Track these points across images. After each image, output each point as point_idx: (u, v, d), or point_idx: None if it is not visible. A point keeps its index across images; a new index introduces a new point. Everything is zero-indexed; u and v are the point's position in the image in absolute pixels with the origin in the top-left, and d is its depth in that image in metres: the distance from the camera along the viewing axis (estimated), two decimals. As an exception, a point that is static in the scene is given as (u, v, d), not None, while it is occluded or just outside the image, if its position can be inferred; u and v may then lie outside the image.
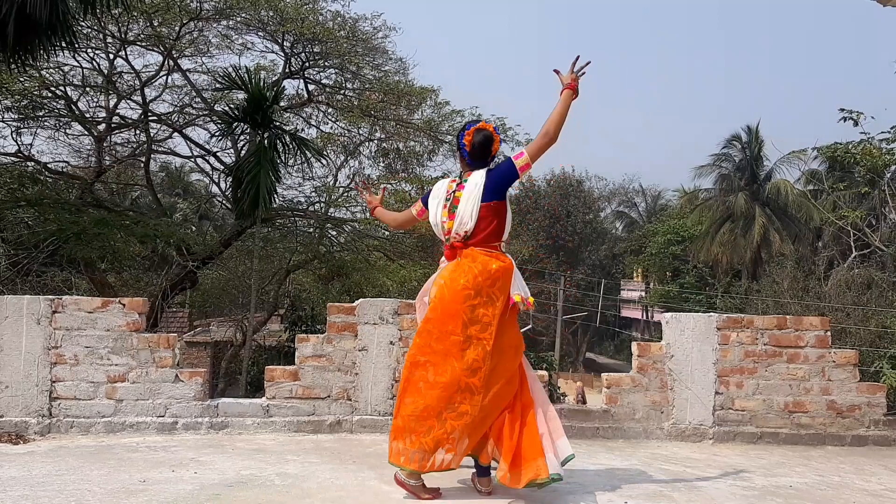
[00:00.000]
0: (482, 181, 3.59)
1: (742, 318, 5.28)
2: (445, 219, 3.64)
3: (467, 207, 3.57)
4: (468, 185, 3.62)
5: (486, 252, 3.56)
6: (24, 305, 4.83)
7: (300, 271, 15.29)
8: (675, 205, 41.82)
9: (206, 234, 18.73)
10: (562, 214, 37.40)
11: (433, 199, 3.74)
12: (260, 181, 9.37)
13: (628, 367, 5.44)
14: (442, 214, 3.66)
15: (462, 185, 3.65)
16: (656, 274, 38.58)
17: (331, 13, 13.08)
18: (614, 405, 5.14)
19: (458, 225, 3.58)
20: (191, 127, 13.40)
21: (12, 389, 4.78)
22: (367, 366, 5.03)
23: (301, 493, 3.56)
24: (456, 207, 3.61)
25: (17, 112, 11.62)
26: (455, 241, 3.60)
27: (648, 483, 3.94)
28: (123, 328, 4.89)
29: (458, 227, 3.58)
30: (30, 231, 10.91)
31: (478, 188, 3.58)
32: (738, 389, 5.16)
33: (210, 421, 4.90)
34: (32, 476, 3.78)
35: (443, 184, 3.78)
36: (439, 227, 3.67)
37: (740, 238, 31.83)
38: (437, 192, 3.75)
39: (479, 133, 3.67)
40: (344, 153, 14.79)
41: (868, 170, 12.85)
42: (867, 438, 5.18)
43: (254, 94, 9.78)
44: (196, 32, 12.50)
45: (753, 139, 33.44)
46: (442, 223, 3.65)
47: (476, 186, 3.58)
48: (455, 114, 14.41)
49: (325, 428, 4.97)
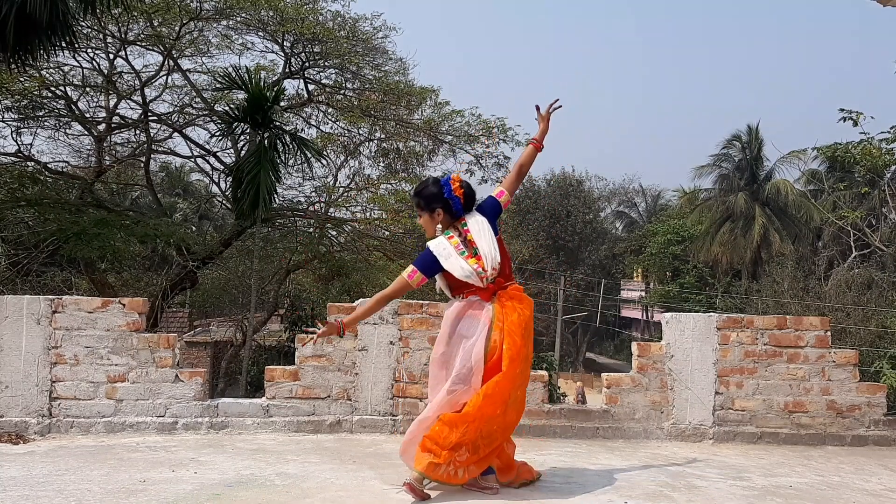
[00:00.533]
0: (482, 217, 3.70)
1: (742, 318, 5.29)
2: (475, 265, 3.59)
3: (487, 243, 3.63)
4: (472, 225, 3.68)
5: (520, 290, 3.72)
6: (24, 305, 4.83)
7: (300, 271, 15.29)
8: (675, 205, 41.84)
9: (206, 234, 18.75)
10: (562, 214, 37.39)
11: (446, 257, 3.62)
12: (260, 181, 9.37)
13: (628, 367, 5.44)
14: (471, 263, 3.60)
15: (466, 230, 3.68)
16: (656, 274, 38.58)
17: (331, 13, 13.08)
18: (614, 405, 5.14)
19: (491, 261, 3.59)
20: (191, 127, 13.40)
21: (12, 389, 4.78)
22: (367, 366, 5.03)
23: (301, 493, 3.56)
24: (476, 249, 3.62)
25: (17, 112, 11.61)
26: (493, 276, 3.61)
27: (648, 483, 3.94)
28: (123, 328, 4.89)
29: (492, 263, 3.59)
30: (30, 231, 10.92)
31: (485, 223, 3.68)
32: (738, 389, 5.16)
33: (210, 421, 4.90)
34: (32, 476, 3.78)
35: (442, 242, 3.67)
36: (474, 275, 3.59)
37: (740, 238, 31.84)
38: (445, 251, 3.64)
39: (465, 183, 3.75)
40: (344, 153, 14.79)
41: (868, 170, 12.84)
42: (867, 438, 5.18)
43: (254, 94, 9.78)
44: (196, 32, 12.50)
45: (753, 139, 33.46)
46: (475, 270, 3.59)
47: (482, 223, 3.68)
48: (455, 114, 14.41)
49: (325, 428, 4.98)
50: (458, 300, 3.71)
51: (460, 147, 14.46)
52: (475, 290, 3.66)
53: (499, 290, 3.65)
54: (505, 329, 3.56)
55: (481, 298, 3.65)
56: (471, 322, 3.63)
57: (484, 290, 3.64)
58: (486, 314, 3.60)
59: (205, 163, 13.84)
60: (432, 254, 3.65)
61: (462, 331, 3.62)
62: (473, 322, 3.62)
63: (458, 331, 3.63)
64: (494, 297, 3.64)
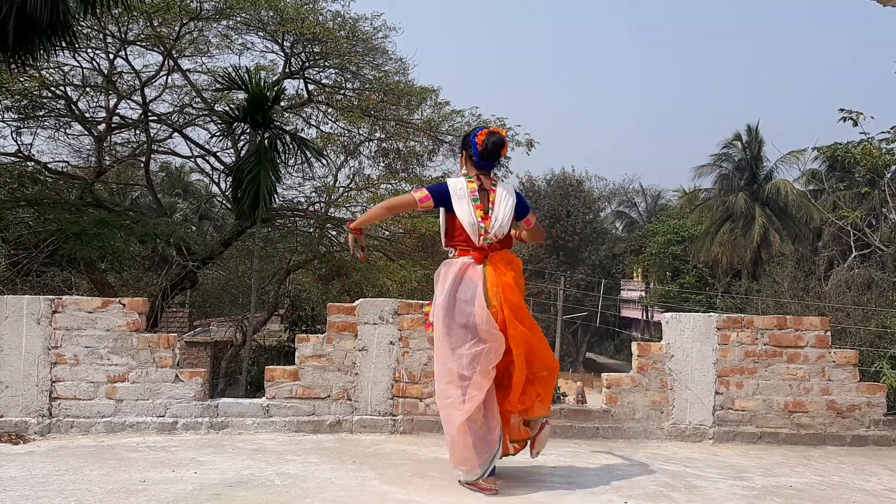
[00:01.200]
0: (514, 195, 3.82)
1: (742, 318, 5.28)
2: (481, 219, 3.69)
3: (505, 213, 3.73)
4: (501, 192, 3.77)
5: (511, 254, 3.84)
6: (24, 305, 4.83)
7: (300, 271, 15.29)
8: (675, 205, 41.86)
9: (206, 234, 18.75)
10: (562, 214, 37.41)
11: (458, 197, 3.71)
12: (260, 181, 9.37)
13: (628, 367, 5.44)
14: (477, 214, 3.69)
15: (493, 189, 3.77)
16: (656, 274, 38.60)
17: (331, 13, 13.11)
18: (614, 405, 5.14)
19: (498, 227, 3.70)
20: (191, 127, 13.42)
21: (12, 389, 4.78)
22: (367, 366, 5.03)
23: (301, 493, 3.56)
24: (491, 209, 3.72)
25: (17, 112, 11.62)
26: (492, 241, 3.71)
27: (648, 483, 3.94)
28: (123, 328, 4.89)
29: (497, 230, 3.70)
30: (30, 231, 10.92)
31: (511, 198, 3.78)
32: (738, 389, 5.16)
33: (210, 421, 4.90)
34: (32, 476, 3.78)
35: (461, 182, 3.76)
36: (475, 228, 3.68)
37: (740, 238, 31.85)
38: (461, 191, 3.73)
39: (492, 135, 3.79)
40: (344, 153, 14.80)
41: (868, 170, 12.85)
42: (867, 438, 5.18)
43: (254, 94, 9.78)
44: (196, 32, 12.51)
45: (753, 139, 33.47)
46: (479, 224, 3.68)
47: (509, 196, 3.78)
48: (455, 114, 14.41)
49: (325, 428, 4.97)
50: (450, 255, 3.80)
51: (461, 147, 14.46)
52: (469, 247, 3.72)
53: (491, 253, 3.73)
54: (502, 294, 3.62)
55: (474, 259, 3.71)
56: (467, 285, 3.67)
57: (477, 251, 3.71)
58: (479, 275, 3.67)
59: (205, 163, 13.88)
60: (447, 189, 3.75)
61: (460, 295, 3.66)
62: (470, 286, 3.67)
63: (458, 296, 3.66)
64: (487, 260, 3.71)
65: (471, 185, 3.74)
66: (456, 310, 3.65)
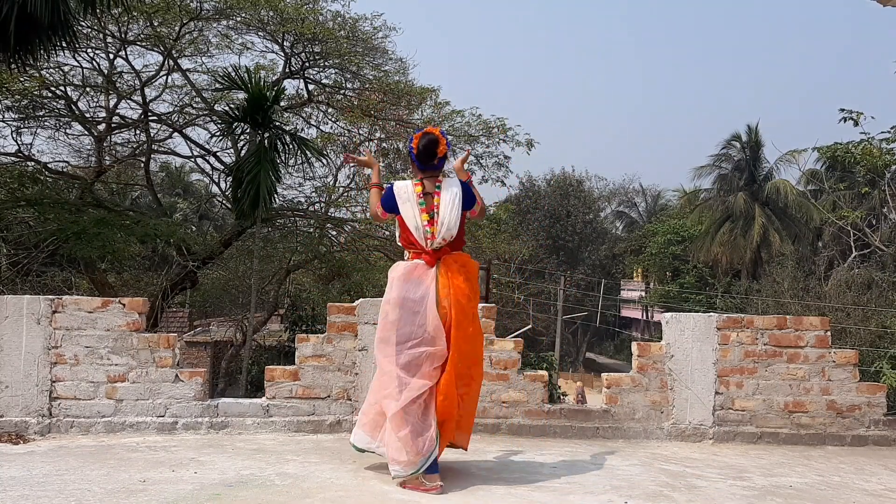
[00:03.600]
0: (460, 191, 3.82)
1: (742, 318, 5.28)
2: (426, 222, 3.75)
3: (451, 216, 3.74)
4: (446, 192, 3.79)
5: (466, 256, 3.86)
6: (24, 305, 4.83)
7: (300, 271, 15.29)
8: (675, 205, 41.86)
9: (206, 234, 18.76)
10: (562, 214, 37.40)
11: (402, 200, 3.79)
12: (260, 181, 9.36)
13: (628, 367, 5.44)
14: (422, 217, 3.74)
15: (437, 192, 3.80)
16: (656, 274, 38.60)
17: (331, 13, 13.09)
18: (614, 405, 5.14)
19: (445, 230, 3.73)
20: (191, 127, 13.42)
21: (12, 389, 4.78)
22: (367, 366, 5.03)
23: (301, 493, 3.56)
24: (435, 213, 3.75)
25: (18, 112, 11.62)
26: (440, 245, 3.75)
27: (648, 483, 3.94)
28: (123, 328, 4.89)
29: (444, 233, 3.73)
30: (30, 231, 10.91)
31: (458, 198, 3.78)
32: (738, 389, 5.16)
33: (210, 421, 4.90)
34: (32, 476, 3.78)
35: (406, 185, 3.83)
36: (421, 230, 3.74)
37: (740, 238, 31.85)
38: (405, 194, 3.80)
39: (424, 137, 3.88)
40: (344, 153, 14.78)
41: (868, 170, 12.86)
42: (867, 438, 5.18)
43: (254, 94, 9.77)
44: (196, 32, 12.50)
45: (753, 139, 33.46)
46: (424, 227, 3.74)
47: (456, 196, 3.78)
48: (455, 114, 14.42)
49: (325, 428, 4.97)
50: (404, 258, 3.87)
51: (461, 147, 14.47)
52: (420, 251, 3.77)
53: (443, 256, 3.77)
54: (452, 295, 3.67)
55: (426, 262, 3.76)
56: (417, 286, 3.71)
57: (428, 254, 3.76)
58: (431, 278, 3.71)
59: (205, 163, 13.87)
60: (392, 192, 3.84)
61: (409, 295, 3.70)
62: (419, 286, 3.71)
63: (406, 295, 3.71)
64: (439, 262, 3.75)
65: (417, 189, 3.81)
66: (403, 307, 3.70)
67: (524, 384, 5.11)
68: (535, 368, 5.39)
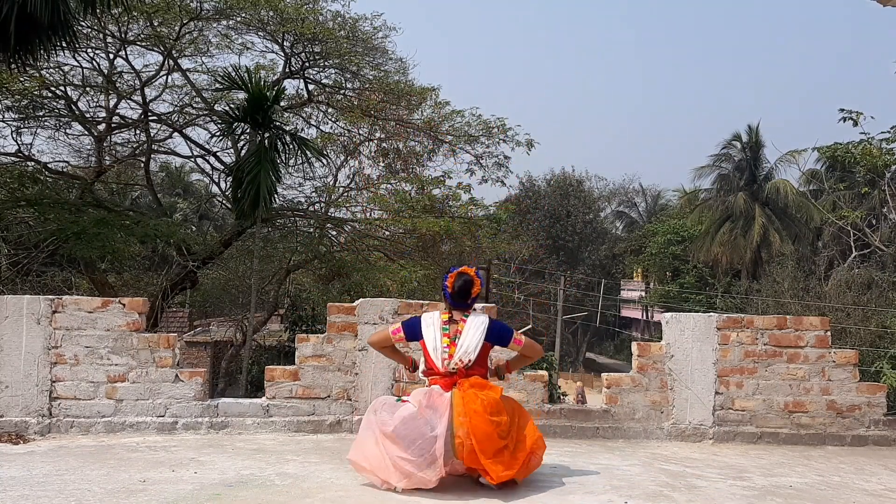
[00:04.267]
0: (487, 323, 3.87)
1: (742, 318, 5.28)
2: (446, 345, 3.79)
3: (472, 340, 3.80)
4: (472, 321, 3.86)
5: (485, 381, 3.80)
6: (24, 305, 4.83)
7: (300, 271, 15.28)
8: (675, 205, 41.85)
9: (206, 234, 18.76)
10: (562, 214, 37.41)
11: (428, 326, 3.87)
12: (260, 181, 9.35)
13: (628, 367, 5.44)
14: (443, 341, 3.80)
15: (463, 320, 3.86)
16: (656, 274, 38.59)
17: (331, 13, 13.08)
18: (614, 405, 5.14)
19: (463, 352, 3.77)
20: (191, 127, 13.40)
21: (12, 389, 4.78)
22: (367, 366, 5.03)
23: (301, 493, 3.56)
24: (457, 338, 3.81)
25: (18, 112, 11.61)
26: (458, 366, 3.76)
27: (648, 483, 3.94)
28: (123, 328, 4.89)
29: (462, 355, 3.77)
30: (30, 231, 10.91)
31: (483, 326, 3.83)
32: (738, 389, 5.16)
33: (210, 421, 4.90)
34: (32, 476, 3.78)
35: (434, 315, 3.93)
36: (438, 351, 3.79)
37: (740, 238, 31.85)
38: (431, 320, 3.89)
39: (459, 278, 3.92)
40: (344, 153, 14.78)
41: (868, 170, 12.86)
42: (867, 438, 5.18)
43: (254, 93, 9.77)
44: (196, 32, 12.49)
45: (753, 139, 33.47)
46: (443, 349, 3.78)
47: (482, 325, 3.84)
48: (455, 114, 14.40)
49: (325, 428, 4.97)
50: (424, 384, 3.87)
51: (461, 147, 14.47)
52: (437, 375, 3.78)
53: (460, 379, 3.75)
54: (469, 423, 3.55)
55: (441, 388, 3.73)
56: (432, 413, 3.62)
57: (445, 378, 3.75)
58: (446, 404, 3.64)
59: (205, 163, 13.85)
60: (420, 320, 3.93)
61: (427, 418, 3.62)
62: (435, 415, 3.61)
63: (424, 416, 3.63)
64: (455, 386, 3.73)
65: (443, 317, 3.90)
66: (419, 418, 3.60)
67: (524, 384, 5.11)
68: (534, 368, 5.38)
